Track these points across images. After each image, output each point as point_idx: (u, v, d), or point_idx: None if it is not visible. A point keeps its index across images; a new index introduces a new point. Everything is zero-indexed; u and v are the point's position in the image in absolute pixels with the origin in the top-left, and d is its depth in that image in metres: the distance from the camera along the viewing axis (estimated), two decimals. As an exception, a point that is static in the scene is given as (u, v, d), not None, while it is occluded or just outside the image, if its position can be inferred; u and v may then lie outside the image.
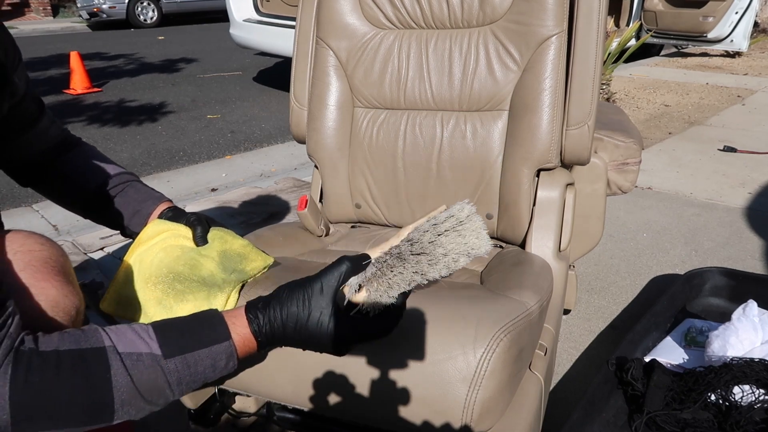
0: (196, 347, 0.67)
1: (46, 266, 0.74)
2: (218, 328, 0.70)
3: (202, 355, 0.67)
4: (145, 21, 11.03)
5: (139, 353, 0.64)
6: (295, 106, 1.37)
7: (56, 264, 0.76)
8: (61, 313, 0.72)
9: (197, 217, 1.01)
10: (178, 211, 1.04)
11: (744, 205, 2.57)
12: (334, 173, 1.32)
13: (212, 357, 0.68)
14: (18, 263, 0.71)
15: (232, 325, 0.71)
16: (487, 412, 0.83)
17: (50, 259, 0.75)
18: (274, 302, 0.73)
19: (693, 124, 3.95)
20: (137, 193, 1.06)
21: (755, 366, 1.18)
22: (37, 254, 0.74)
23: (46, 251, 0.75)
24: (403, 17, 1.27)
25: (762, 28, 8.47)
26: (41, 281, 0.72)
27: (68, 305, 0.74)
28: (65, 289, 0.74)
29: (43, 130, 1.04)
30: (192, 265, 0.94)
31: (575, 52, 1.15)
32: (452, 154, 1.23)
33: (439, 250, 0.74)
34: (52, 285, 0.72)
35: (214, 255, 0.96)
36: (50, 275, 0.73)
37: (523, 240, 1.21)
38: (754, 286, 1.63)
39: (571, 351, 1.58)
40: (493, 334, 0.83)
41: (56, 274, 0.74)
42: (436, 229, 0.75)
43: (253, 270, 0.97)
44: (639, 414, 1.18)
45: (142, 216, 1.04)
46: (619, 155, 1.49)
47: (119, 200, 1.05)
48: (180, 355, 0.66)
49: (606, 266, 2.04)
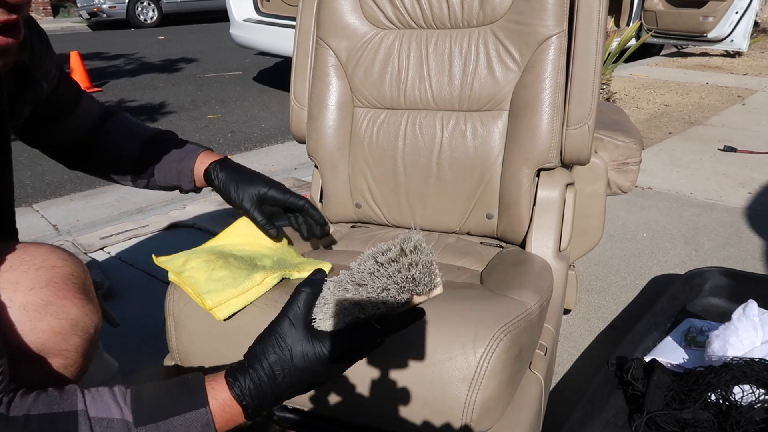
0: (170, 414, 0.63)
1: (67, 283, 0.73)
2: (196, 393, 0.65)
3: (176, 423, 0.63)
4: (145, 21, 11.03)
5: (111, 419, 0.61)
6: (295, 106, 1.37)
7: (77, 281, 0.76)
8: (81, 332, 0.73)
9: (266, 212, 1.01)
10: (227, 164, 1.03)
11: (744, 205, 2.57)
12: (334, 173, 1.32)
13: (186, 425, 0.63)
14: (40, 279, 0.71)
15: (212, 389, 0.65)
16: (487, 412, 0.83)
17: (72, 276, 0.75)
18: (251, 360, 0.67)
19: (693, 124, 3.95)
20: (177, 150, 1.06)
21: (755, 366, 1.18)
22: (59, 270, 0.74)
23: (68, 267, 0.75)
24: (403, 17, 1.27)
25: (762, 28, 8.47)
26: (63, 299, 0.72)
27: (88, 324, 0.74)
28: (86, 307, 0.74)
29: (84, 110, 1.03)
30: (250, 255, 1.01)
31: (575, 52, 1.15)
32: (452, 153, 1.23)
33: (379, 282, 0.65)
34: (73, 303, 0.73)
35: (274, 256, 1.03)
36: (71, 293, 0.73)
37: (523, 240, 1.21)
38: (754, 286, 1.63)
39: (571, 351, 1.58)
40: (493, 334, 0.83)
41: (77, 292, 0.74)
42: (377, 259, 0.66)
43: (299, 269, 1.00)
44: (639, 414, 1.18)
45: (185, 175, 1.04)
46: (619, 155, 1.49)
47: (162, 160, 1.05)
48: (152, 423, 0.62)
49: (606, 266, 2.04)
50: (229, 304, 0.92)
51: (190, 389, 0.65)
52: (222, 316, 0.92)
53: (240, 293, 0.93)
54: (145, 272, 1.95)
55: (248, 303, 0.93)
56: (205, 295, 0.92)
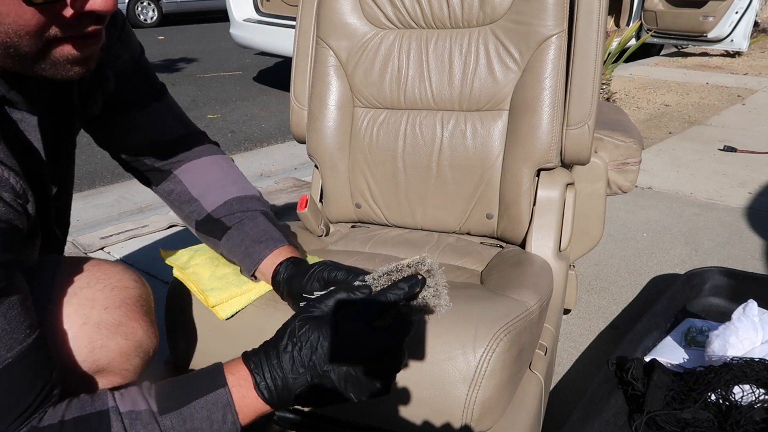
0: (191, 399, 0.64)
1: (137, 305, 0.76)
2: (214, 377, 0.66)
3: (197, 407, 0.63)
4: (145, 21, 11.03)
5: (138, 411, 0.63)
6: (295, 105, 1.37)
7: (145, 304, 0.78)
8: (142, 353, 0.75)
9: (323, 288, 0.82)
10: (300, 266, 0.86)
11: (744, 205, 2.57)
12: (335, 173, 1.32)
13: (207, 407, 0.63)
14: (114, 299, 0.73)
15: (230, 374, 0.66)
16: (487, 411, 0.83)
17: (141, 299, 0.77)
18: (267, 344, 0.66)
19: (693, 123, 3.95)
20: (255, 228, 0.91)
21: (755, 366, 1.18)
22: (131, 292, 0.76)
23: (139, 290, 0.78)
24: (403, 17, 1.27)
25: (762, 28, 8.47)
26: (132, 321, 0.74)
27: (149, 347, 0.76)
28: (149, 330, 0.76)
29: (154, 120, 0.92)
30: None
31: (575, 52, 1.15)
32: (452, 153, 1.23)
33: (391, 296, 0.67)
34: (141, 326, 0.75)
35: None
36: (140, 315, 0.75)
37: (523, 240, 1.21)
38: (754, 285, 1.63)
39: (571, 351, 1.58)
40: (493, 333, 0.83)
41: (144, 315, 0.77)
42: (390, 276, 0.68)
43: None
44: (639, 414, 1.18)
45: (253, 260, 0.90)
46: (619, 155, 1.49)
47: (234, 232, 0.91)
48: (175, 410, 0.63)
49: (606, 266, 2.04)
50: (231, 303, 0.92)
51: (208, 374, 0.66)
52: (224, 315, 0.92)
53: (243, 292, 0.93)
54: (145, 272, 1.95)
55: (250, 302, 0.93)
56: (208, 293, 0.92)
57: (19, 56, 0.59)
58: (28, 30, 0.56)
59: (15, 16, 0.55)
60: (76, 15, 0.58)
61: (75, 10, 0.58)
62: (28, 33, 0.57)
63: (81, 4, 0.58)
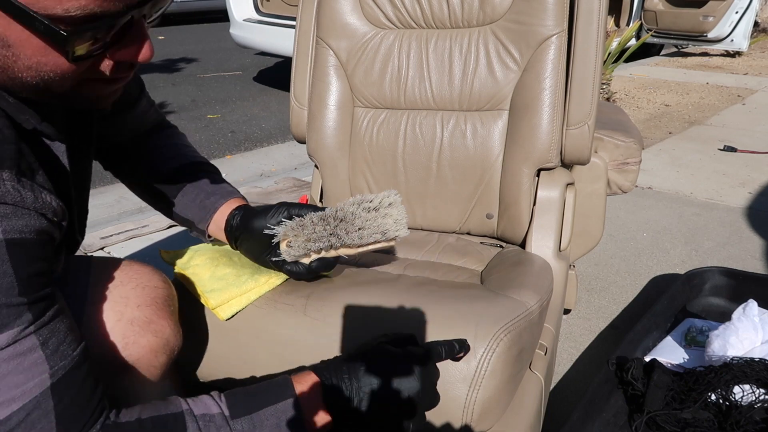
0: (261, 406, 0.69)
1: (165, 305, 0.79)
2: (284, 387, 0.71)
3: (267, 414, 0.68)
4: (145, 21, 11.02)
5: (212, 414, 0.66)
6: (295, 105, 1.37)
7: (172, 304, 0.82)
8: (169, 351, 0.78)
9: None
10: (249, 212, 0.93)
11: (744, 204, 2.57)
12: (335, 173, 1.32)
13: (276, 415, 0.69)
14: (146, 298, 0.76)
15: (298, 384, 0.72)
16: (487, 411, 0.83)
17: (168, 298, 0.81)
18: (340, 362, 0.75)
19: (693, 123, 3.95)
20: (210, 184, 0.97)
21: (755, 366, 1.18)
22: (161, 292, 0.80)
23: (167, 290, 0.81)
24: (403, 17, 1.27)
25: (762, 28, 8.47)
26: (161, 319, 0.77)
27: (175, 345, 0.80)
28: (175, 329, 0.80)
29: (140, 114, 0.98)
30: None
31: (575, 52, 1.15)
32: (452, 153, 1.23)
33: (357, 222, 0.85)
34: (168, 324, 0.78)
35: None
36: (167, 314, 0.79)
37: (524, 240, 1.21)
38: (754, 285, 1.63)
39: (571, 351, 1.58)
40: (494, 333, 0.83)
41: (171, 314, 0.80)
42: (361, 205, 0.86)
43: None
44: (639, 414, 1.18)
45: (206, 210, 0.95)
46: (620, 155, 1.49)
47: (189, 188, 0.97)
48: (247, 416, 0.67)
49: (606, 266, 2.04)
50: (232, 304, 0.92)
51: (278, 384, 0.72)
52: (225, 315, 0.92)
53: (243, 293, 0.93)
54: (145, 272, 1.95)
55: (250, 302, 0.93)
56: (208, 294, 0.92)
57: (50, 94, 0.60)
58: (65, 77, 0.58)
59: (53, 66, 0.56)
60: (115, 64, 0.60)
61: (114, 60, 0.60)
62: (63, 79, 0.58)
63: (121, 56, 0.60)
